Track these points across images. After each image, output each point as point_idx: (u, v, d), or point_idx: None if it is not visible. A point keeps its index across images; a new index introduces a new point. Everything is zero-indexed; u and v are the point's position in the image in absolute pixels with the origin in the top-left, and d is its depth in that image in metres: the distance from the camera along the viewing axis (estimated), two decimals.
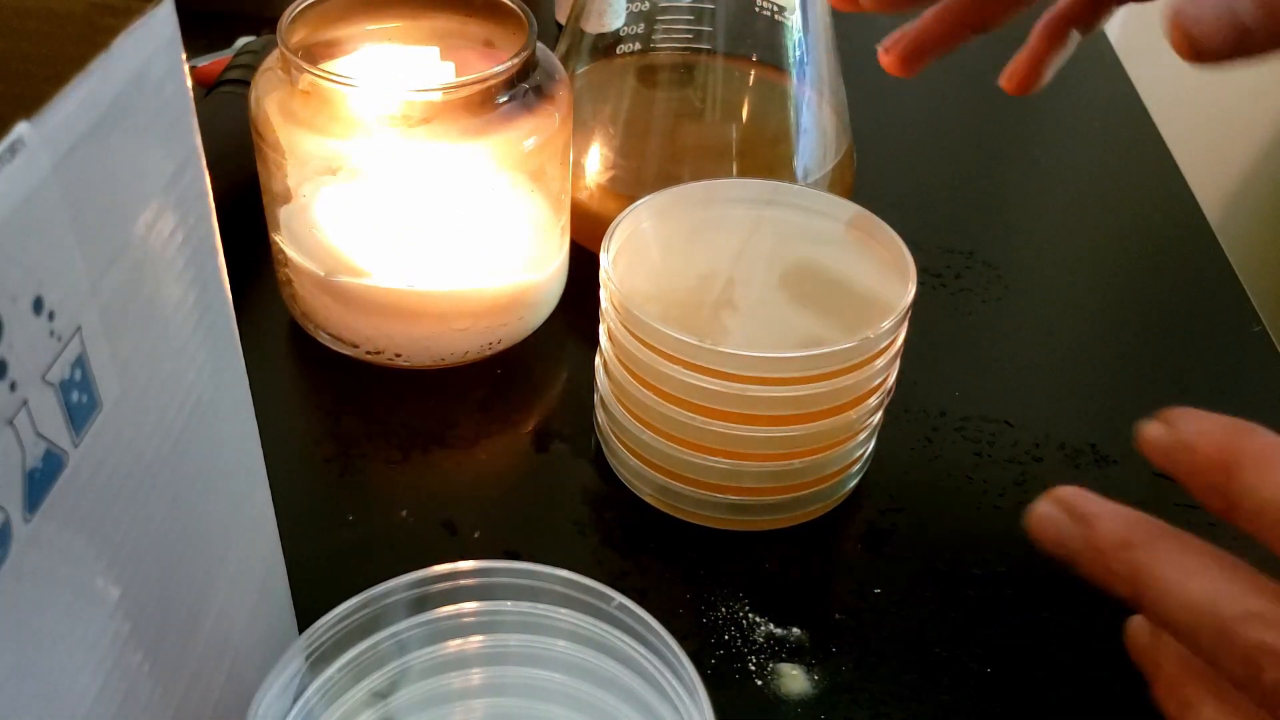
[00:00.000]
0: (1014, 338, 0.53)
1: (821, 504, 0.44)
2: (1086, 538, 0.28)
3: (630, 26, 0.53)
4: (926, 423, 0.48)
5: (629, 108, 0.53)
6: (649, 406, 0.41)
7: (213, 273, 0.27)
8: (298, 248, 0.47)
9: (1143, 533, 0.27)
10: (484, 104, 0.44)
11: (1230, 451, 0.26)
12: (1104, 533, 0.28)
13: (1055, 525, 0.29)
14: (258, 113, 0.45)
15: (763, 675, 0.39)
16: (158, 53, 0.22)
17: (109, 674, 0.24)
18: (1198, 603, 0.26)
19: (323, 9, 0.47)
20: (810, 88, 0.54)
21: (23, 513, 0.20)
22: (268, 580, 0.34)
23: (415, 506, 0.44)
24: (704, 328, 0.42)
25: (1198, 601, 0.26)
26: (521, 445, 0.47)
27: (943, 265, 0.56)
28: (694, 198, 0.45)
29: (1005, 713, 0.39)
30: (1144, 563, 0.27)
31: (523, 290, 0.48)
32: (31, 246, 0.19)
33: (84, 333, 0.21)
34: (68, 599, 0.22)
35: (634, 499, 0.44)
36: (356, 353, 0.48)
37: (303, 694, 0.30)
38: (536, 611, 0.32)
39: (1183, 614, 0.26)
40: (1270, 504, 0.25)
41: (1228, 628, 0.25)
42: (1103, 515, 0.28)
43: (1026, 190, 0.64)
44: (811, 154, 0.54)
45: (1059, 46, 0.45)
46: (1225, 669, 0.25)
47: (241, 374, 0.30)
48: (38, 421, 0.20)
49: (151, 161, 0.23)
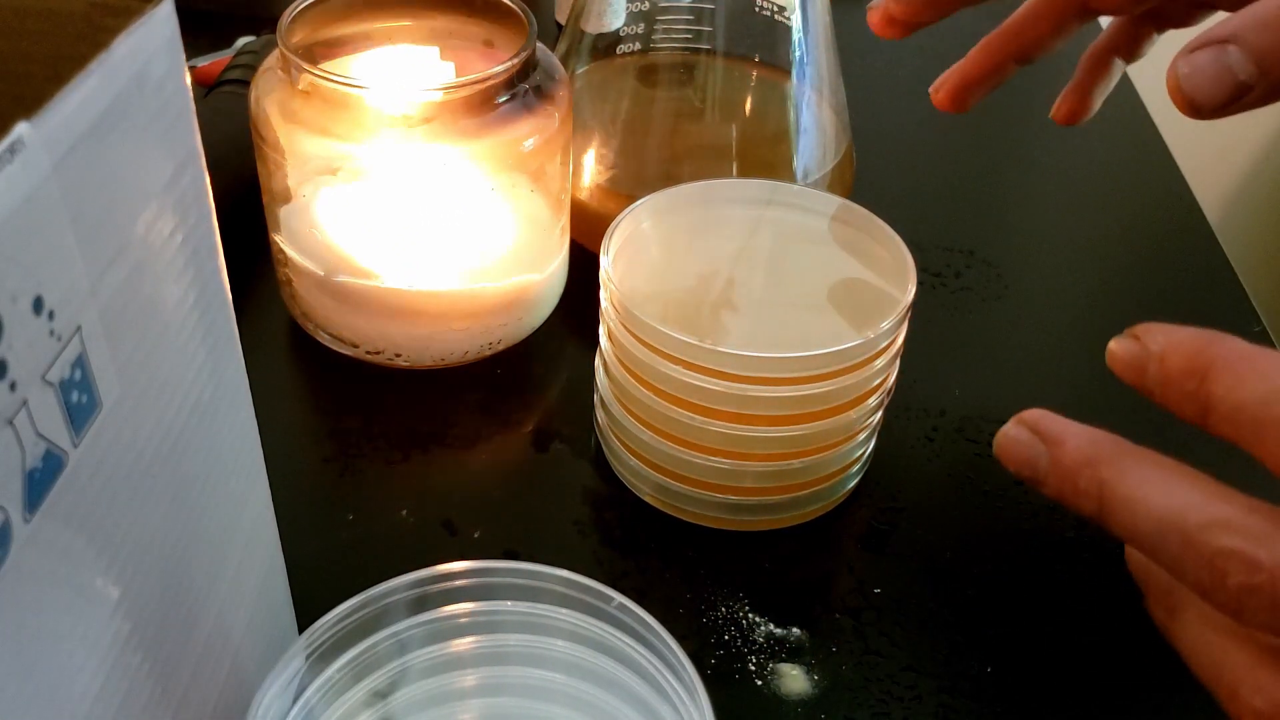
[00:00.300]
0: (1014, 338, 0.53)
1: (821, 504, 0.44)
2: (1053, 457, 0.29)
3: (630, 26, 0.53)
4: (926, 423, 0.48)
5: (629, 108, 0.53)
6: (649, 406, 0.41)
7: (213, 273, 0.27)
8: (298, 248, 0.47)
9: (1108, 450, 0.28)
10: (484, 104, 0.44)
11: (1204, 357, 0.27)
12: (1070, 451, 0.28)
13: (1022, 446, 0.29)
14: (258, 113, 0.45)
15: (763, 675, 0.39)
16: (158, 53, 0.22)
17: (109, 674, 0.24)
18: (1162, 514, 0.26)
19: (323, 9, 0.47)
20: (810, 88, 0.54)
21: (23, 513, 0.20)
22: (268, 580, 0.34)
23: (415, 506, 0.44)
24: (704, 328, 0.42)
25: (1162, 513, 0.26)
26: (521, 445, 0.47)
27: (943, 265, 0.56)
28: (694, 198, 0.45)
29: (1005, 713, 0.39)
30: (1109, 478, 0.27)
31: (522, 290, 0.48)
32: (31, 246, 0.19)
33: (84, 333, 0.21)
34: (68, 599, 0.22)
35: (634, 499, 0.44)
36: (356, 353, 0.48)
37: (303, 694, 0.30)
38: (536, 611, 0.32)
39: (1148, 525, 0.26)
40: (1247, 405, 0.26)
41: (1192, 536, 0.25)
42: (1068, 435, 0.29)
43: (1026, 190, 0.64)
44: (811, 154, 0.54)
45: (1104, 75, 0.47)
46: (1191, 579, 0.26)
47: (241, 374, 0.30)
48: (38, 421, 0.20)
49: (151, 161, 0.23)
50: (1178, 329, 0.28)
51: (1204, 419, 0.27)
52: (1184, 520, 0.26)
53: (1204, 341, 0.27)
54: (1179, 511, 0.26)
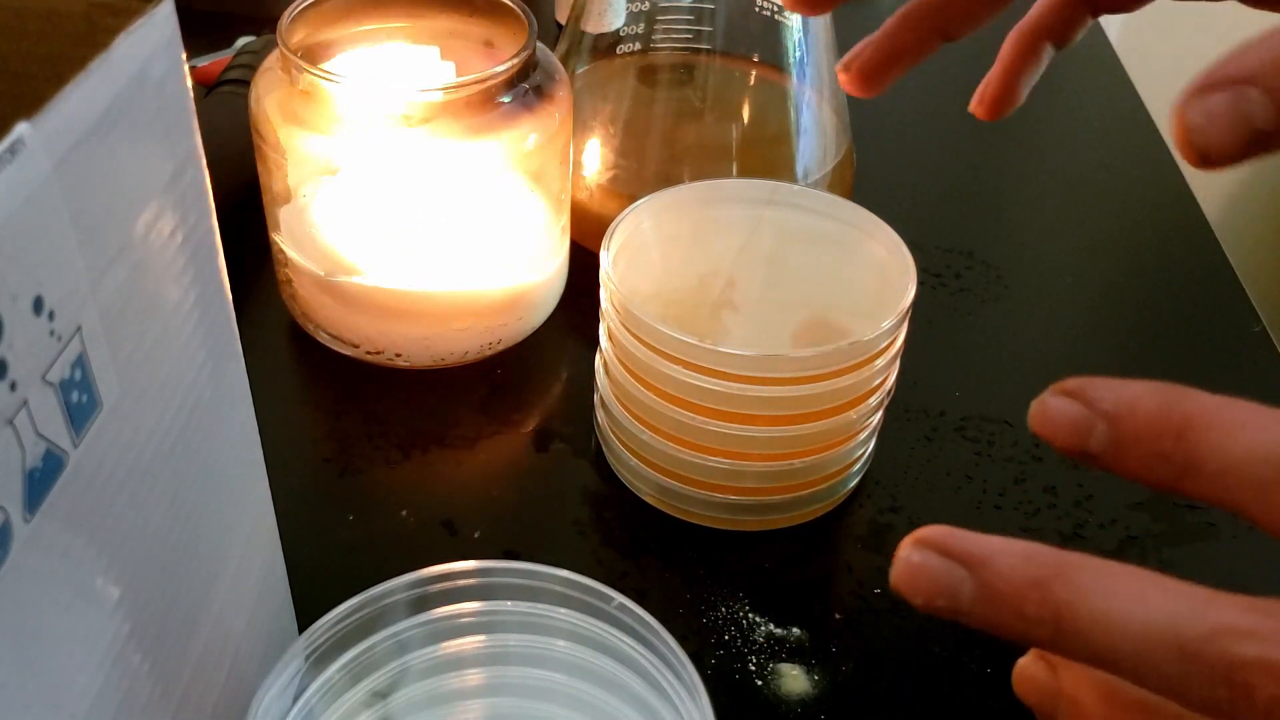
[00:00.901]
0: (1014, 338, 0.53)
1: (821, 504, 0.44)
2: (981, 582, 0.24)
3: (630, 26, 0.53)
4: (926, 423, 0.48)
5: (629, 108, 0.53)
6: (649, 406, 0.41)
7: (213, 273, 0.27)
8: (298, 248, 0.47)
9: (1051, 563, 0.23)
10: (484, 104, 0.44)
11: (1176, 412, 0.23)
12: (1004, 573, 0.24)
13: (932, 574, 0.24)
14: (258, 113, 0.45)
15: (763, 675, 0.39)
16: (158, 53, 0.22)
17: (109, 674, 0.24)
18: (1146, 629, 0.22)
19: (323, 9, 0.47)
20: (810, 88, 0.54)
21: (23, 513, 0.20)
22: (268, 580, 0.34)
23: (415, 506, 0.44)
24: (704, 328, 0.42)
25: (1146, 628, 0.22)
26: (521, 445, 0.47)
27: (943, 265, 0.56)
28: (694, 198, 0.45)
29: (1005, 713, 0.39)
30: (1066, 598, 0.23)
31: (523, 290, 0.48)
32: (31, 246, 0.19)
33: (84, 333, 0.21)
34: (68, 599, 0.22)
35: (634, 499, 0.44)
36: (356, 353, 0.48)
37: (303, 694, 0.30)
38: (536, 611, 0.32)
39: (1129, 644, 0.23)
40: (1241, 463, 0.23)
41: (1196, 650, 0.22)
42: (992, 552, 0.24)
43: (1026, 190, 0.64)
44: (811, 154, 0.54)
45: (1033, 62, 0.41)
46: (1197, 695, 0.22)
47: (241, 374, 0.30)
48: (38, 421, 0.20)
49: (151, 161, 0.23)
50: (1125, 384, 0.24)
51: (1179, 482, 0.23)
52: (1179, 633, 0.22)
53: (1171, 395, 0.23)
54: (1168, 623, 0.22)
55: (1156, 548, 0.44)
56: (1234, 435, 0.23)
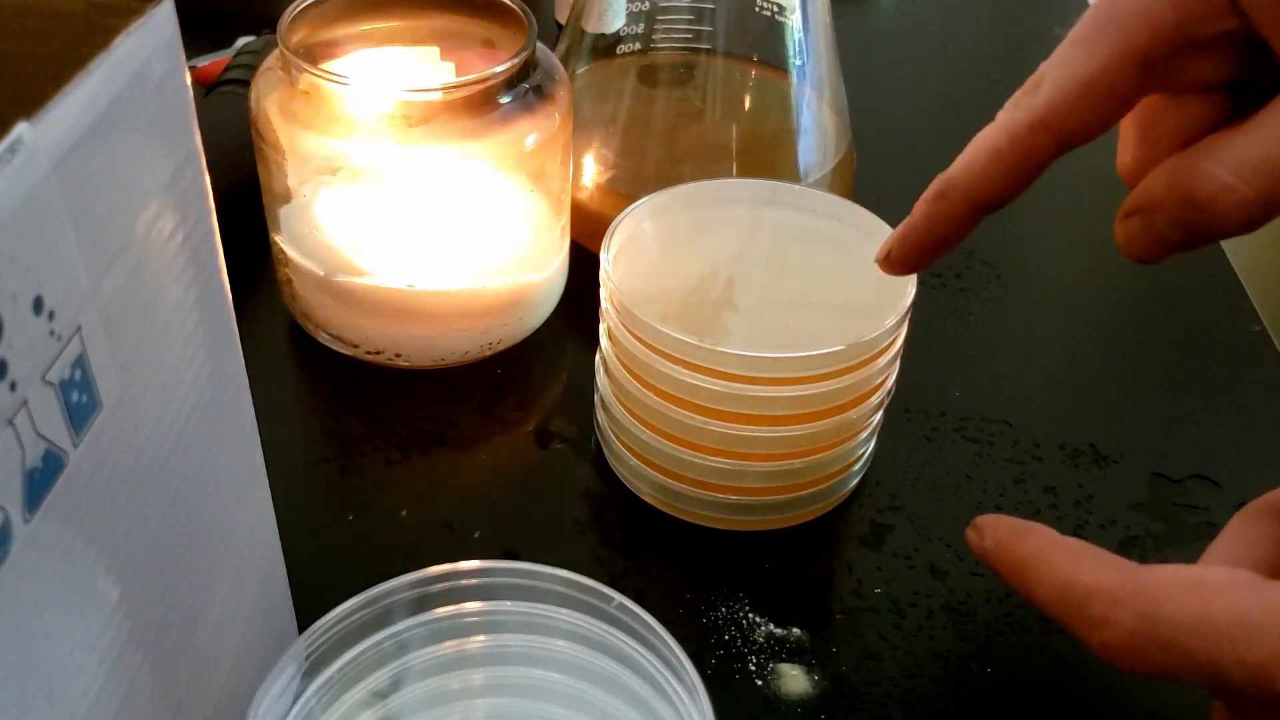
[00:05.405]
0: (1014, 338, 0.53)
1: (821, 504, 0.44)
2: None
3: (630, 26, 0.53)
4: (926, 423, 0.48)
5: (629, 108, 0.53)
6: (649, 406, 0.41)
7: (213, 273, 0.27)
8: (298, 248, 0.47)
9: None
10: (484, 104, 0.44)
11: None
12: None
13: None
14: (258, 113, 0.45)
15: (763, 675, 0.39)
16: (158, 53, 0.22)
17: (109, 674, 0.24)
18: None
19: (323, 9, 0.47)
20: (810, 88, 0.54)
21: (23, 513, 0.20)
22: (268, 580, 0.34)
23: (415, 506, 0.44)
24: (704, 328, 0.42)
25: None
26: (521, 445, 0.47)
27: (943, 265, 0.56)
28: (694, 198, 0.45)
29: (1005, 713, 0.39)
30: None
31: (523, 290, 0.48)
32: (31, 246, 0.19)
33: (84, 333, 0.21)
34: (68, 599, 0.22)
35: (634, 499, 0.44)
36: (356, 353, 0.48)
37: (302, 694, 0.30)
38: (536, 611, 0.32)
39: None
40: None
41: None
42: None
43: (1026, 191, 0.64)
44: (811, 154, 0.54)
45: (965, 229, 0.37)
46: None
47: (241, 374, 0.30)
48: (38, 421, 0.20)
49: (151, 161, 0.23)
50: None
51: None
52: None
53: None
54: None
55: (1156, 548, 0.44)
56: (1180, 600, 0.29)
